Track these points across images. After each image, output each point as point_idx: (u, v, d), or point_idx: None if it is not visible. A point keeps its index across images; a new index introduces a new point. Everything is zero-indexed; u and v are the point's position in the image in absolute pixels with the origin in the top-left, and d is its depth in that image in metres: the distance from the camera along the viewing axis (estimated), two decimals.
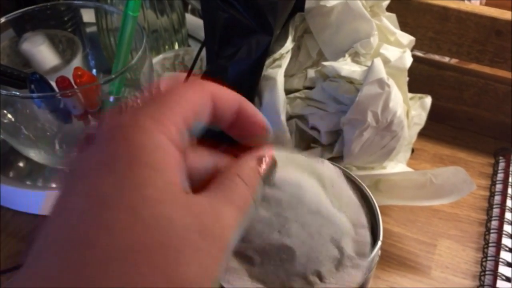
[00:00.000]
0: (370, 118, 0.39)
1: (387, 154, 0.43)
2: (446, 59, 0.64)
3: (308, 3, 0.44)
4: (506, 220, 0.48)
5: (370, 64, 0.39)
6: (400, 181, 0.45)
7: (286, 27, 0.45)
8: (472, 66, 0.59)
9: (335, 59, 0.44)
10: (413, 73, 0.46)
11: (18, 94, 0.42)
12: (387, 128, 0.41)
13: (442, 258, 0.46)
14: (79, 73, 0.43)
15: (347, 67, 0.42)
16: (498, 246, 0.46)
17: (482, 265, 0.45)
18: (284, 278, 0.23)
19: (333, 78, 0.42)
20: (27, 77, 0.43)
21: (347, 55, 0.44)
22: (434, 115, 0.52)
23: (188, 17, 0.68)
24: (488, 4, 0.59)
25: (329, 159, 0.31)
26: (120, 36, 0.44)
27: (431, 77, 0.59)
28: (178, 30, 0.62)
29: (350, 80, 0.42)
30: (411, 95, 0.49)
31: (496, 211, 0.50)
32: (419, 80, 0.58)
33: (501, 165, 0.55)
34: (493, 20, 0.53)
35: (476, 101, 0.59)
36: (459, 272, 0.45)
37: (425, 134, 0.53)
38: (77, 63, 0.54)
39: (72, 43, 0.56)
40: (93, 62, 0.60)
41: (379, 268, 0.45)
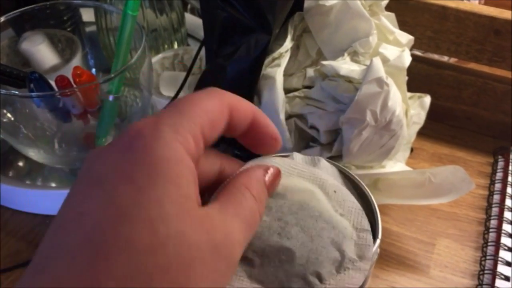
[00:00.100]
0: (369, 117, 0.39)
1: (386, 153, 0.43)
2: (445, 58, 0.64)
3: (307, 2, 0.44)
4: (505, 219, 0.48)
5: (369, 63, 0.40)
6: (399, 180, 0.45)
7: (285, 26, 0.45)
8: (471, 65, 0.59)
9: (334, 58, 0.44)
10: (412, 72, 0.46)
11: (17, 93, 0.42)
12: (386, 127, 0.41)
13: (441, 257, 0.47)
14: (78, 72, 0.43)
15: (346, 66, 0.42)
16: (497, 245, 0.46)
17: (481, 264, 0.46)
18: (284, 279, 0.23)
19: (332, 77, 0.42)
20: (26, 76, 0.43)
21: (346, 54, 0.44)
22: (433, 114, 0.52)
23: (188, 16, 0.68)
24: (487, 3, 0.59)
25: (328, 158, 0.32)
26: (119, 36, 0.44)
27: (430, 76, 0.59)
28: (178, 30, 0.62)
29: (349, 79, 0.42)
30: (410, 94, 0.49)
31: (495, 210, 0.50)
32: (418, 79, 0.58)
33: (500, 164, 0.55)
34: (491, 19, 0.53)
35: (475, 100, 0.59)
36: (458, 271, 0.45)
37: (424, 133, 0.53)
38: (76, 62, 0.54)
39: (71, 42, 0.56)
40: (92, 62, 0.60)
41: (377, 267, 0.45)
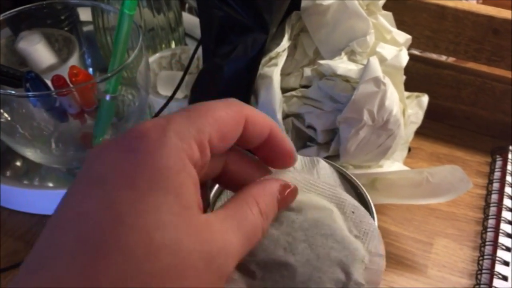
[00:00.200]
0: (366, 117, 0.39)
1: (383, 152, 0.43)
2: (443, 58, 0.64)
3: (304, 2, 0.43)
4: (503, 218, 0.48)
5: (366, 62, 0.39)
6: (397, 179, 0.45)
7: (282, 25, 0.45)
8: (470, 65, 0.59)
9: (332, 57, 0.44)
10: (410, 71, 0.46)
11: (13, 93, 0.42)
12: (383, 127, 0.41)
13: (439, 257, 0.46)
14: (75, 71, 0.43)
15: (343, 65, 0.42)
16: (495, 245, 0.46)
17: (478, 263, 0.45)
18: None
19: (329, 76, 0.42)
20: (23, 76, 0.43)
21: (343, 53, 0.44)
22: (431, 114, 0.52)
23: (185, 15, 0.68)
24: (485, 3, 0.59)
25: (325, 158, 0.31)
26: (116, 35, 0.44)
27: (428, 75, 0.59)
28: (175, 29, 0.61)
29: (346, 79, 0.42)
30: (408, 93, 0.49)
31: (493, 210, 0.50)
32: (416, 78, 0.58)
33: (498, 163, 0.55)
34: (490, 18, 0.53)
35: (473, 99, 0.59)
36: (455, 271, 0.45)
37: (422, 133, 0.53)
38: (73, 62, 0.54)
39: (68, 42, 0.56)
40: (89, 61, 0.60)
41: None
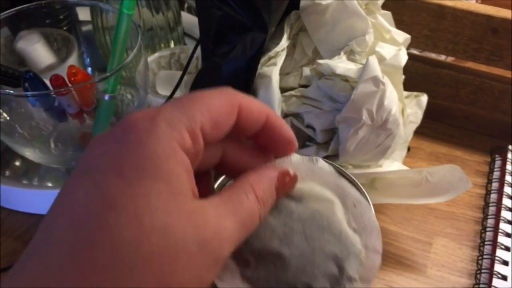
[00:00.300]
0: (365, 116, 0.39)
1: (383, 152, 0.43)
2: (442, 57, 0.64)
3: (303, 1, 0.43)
4: (502, 218, 0.48)
5: (365, 62, 0.39)
6: (396, 179, 0.45)
7: (281, 25, 0.45)
8: (469, 64, 0.59)
9: (331, 57, 0.44)
10: (409, 71, 0.46)
11: (12, 92, 0.42)
12: (382, 126, 0.41)
13: (438, 257, 0.46)
14: (74, 71, 0.43)
15: (342, 65, 0.42)
16: (494, 244, 0.46)
17: (478, 263, 0.45)
18: (273, 285, 0.23)
19: (328, 76, 0.42)
20: (21, 75, 0.43)
21: (342, 53, 0.44)
22: (430, 113, 0.52)
23: (184, 15, 0.67)
24: (484, 2, 0.59)
25: (324, 158, 0.31)
26: (115, 34, 0.44)
27: (427, 75, 0.59)
28: (174, 28, 0.61)
29: (345, 78, 0.42)
30: (407, 93, 0.49)
31: (492, 209, 0.50)
32: (415, 78, 0.58)
33: (497, 163, 0.55)
34: (489, 18, 0.53)
35: (472, 99, 0.59)
36: (455, 271, 0.45)
37: (421, 132, 0.53)
38: (72, 61, 0.54)
39: (67, 41, 0.56)
40: (88, 60, 0.60)
41: None
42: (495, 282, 0.43)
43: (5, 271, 0.44)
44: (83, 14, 0.59)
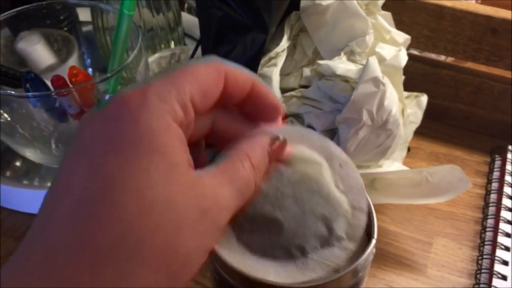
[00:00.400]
0: (365, 117, 0.39)
1: (383, 152, 0.43)
2: (442, 58, 0.64)
3: (304, 2, 0.44)
4: (502, 218, 0.48)
5: (365, 62, 0.40)
6: (396, 179, 0.45)
7: (281, 25, 0.45)
8: (468, 65, 0.59)
9: (331, 57, 0.44)
10: (409, 71, 0.46)
11: (13, 93, 0.42)
12: (383, 127, 0.41)
13: (438, 257, 0.46)
14: (74, 72, 0.43)
15: (342, 65, 0.42)
16: (494, 244, 0.46)
17: (478, 263, 0.46)
18: (268, 247, 0.24)
19: (328, 76, 0.42)
20: (22, 76, 0.43)
21: (342, 53, 0.44)
22: (430, 114, 0.52)
23: (184, 15, 0.68)
24: (483, 2, 0.59)
25: None
26: (115, 35, 0.44)
27: (427, 75, 0.59)
28: (174, 29, 0.61)
29: (345, 79, 0.42)
30: (407, 93, 0.49)
31: (492, 209, 0.50)
32: (415, 78, 0.58)
33: (497, 163, 0.55)
34: (488, 18, 0.53)
35: (472, 99, 0.59)
36: (455, 271, 0.45)
37: (421, 133, 0.53)
38: (73, 62, 0.54)
39: (68, 42, 0.56)
40: (89, 61, 0.60)
41: (375, 267, 0.45)
42: (495, 282, 0.43)
43: None
44: (84, 14, 0.59)
